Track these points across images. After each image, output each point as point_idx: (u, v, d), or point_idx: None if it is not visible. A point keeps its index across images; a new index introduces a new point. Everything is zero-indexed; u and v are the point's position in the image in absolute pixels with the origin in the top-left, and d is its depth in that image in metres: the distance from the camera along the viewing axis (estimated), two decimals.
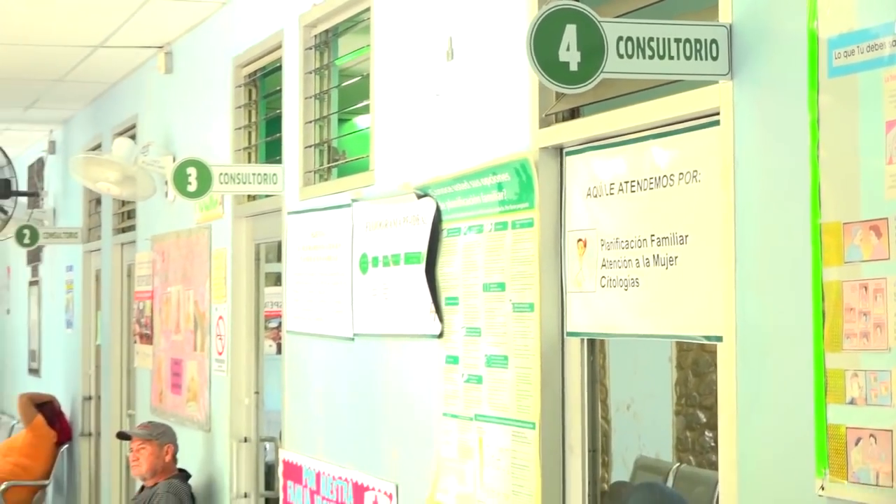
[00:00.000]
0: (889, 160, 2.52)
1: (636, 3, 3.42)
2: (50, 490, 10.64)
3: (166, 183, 6.43)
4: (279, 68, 6.05)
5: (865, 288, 2.57)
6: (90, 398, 10.08)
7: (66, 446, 10.45)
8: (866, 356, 2.57)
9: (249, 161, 6.48)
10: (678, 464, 3.91)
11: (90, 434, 10.08)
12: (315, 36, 5.65)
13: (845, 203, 2.63)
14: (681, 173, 3.25)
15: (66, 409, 10.58)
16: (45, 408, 10.43)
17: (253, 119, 6.57)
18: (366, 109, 5.15)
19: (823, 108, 2.69)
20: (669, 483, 3.94)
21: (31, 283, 12.60)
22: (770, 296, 2.87)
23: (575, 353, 3.77)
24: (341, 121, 5.66)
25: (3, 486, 9.99)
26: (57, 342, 11.38)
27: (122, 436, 7.28)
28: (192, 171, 5.86)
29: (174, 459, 6.78)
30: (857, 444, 2.59)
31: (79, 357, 10.37)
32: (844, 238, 2.62)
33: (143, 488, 6.88)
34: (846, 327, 2.61)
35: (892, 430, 2.51)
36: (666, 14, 3.27)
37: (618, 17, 3.26)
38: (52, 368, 11.56)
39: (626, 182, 3.47)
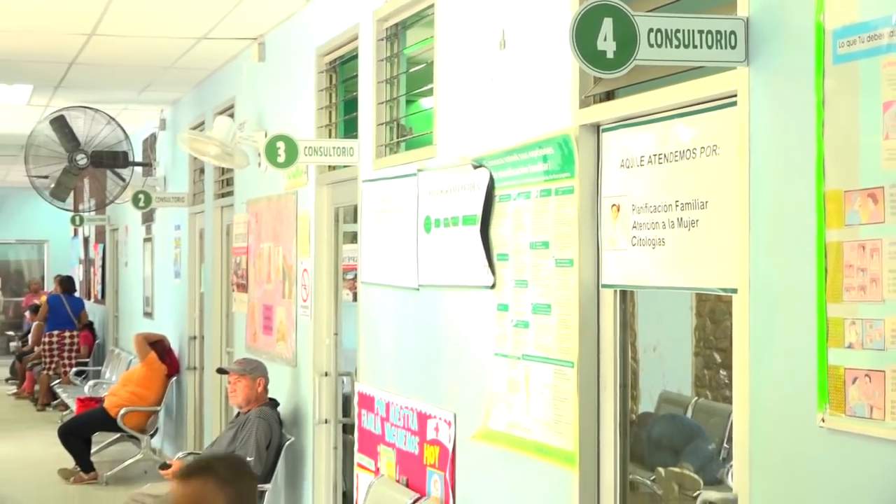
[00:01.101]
0: (886, 136, 2.51)
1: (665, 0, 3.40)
2: (161, 415, 10.77)
3: (259, 155, 6.45)
4: (355, 57, 6.05)
5: (863, 247, 2.56)
6: (195, 338, 10.18)
7: (174, 378, 10.57)
8: (863, 307, 2.56)
9: (330, 136, 6.50)
10: (696, 398, 3.90)
11: (195, 368, 10.19)
12: (386, 29, 5.65)
13: (846, 173, 2.61)
14: (702, 147, 3.24)
15: (174, 346, 10.71)
16: (157, 345, 10.56)
17: (333, 100, 6.58)
18: (429, 92, 5.15)
19: (828, 91, 2.67)
20: (689, 414, 3.93)
21: (146, 240, 12.72)
22: (779, 254, 2.86)
23: (608, 303, 3.77)
24: (408, 102, 5.66)
25: (123, 411, 10.14)
26: (167, 290, 11.50)
27: (221, 371, 7.36)
28: (281, 144, 5.91)
29: (265, 390, 6.85)
30: (853, 382, 2.58)
31: (185, 303, 10.48)
32: (845, 204, 2.61)
33: (238, 414, 6.96)
34: (846, 281, 2.61)
35: (884, 371, 2.51)
36: (690, 8, 3.24)
37: (649, 11, 3.23)
38: (163, 312, 11.69)
39: (655, 155, 3.45)
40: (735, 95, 3.02)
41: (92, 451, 10.39)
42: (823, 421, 2.67)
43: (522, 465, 4.17)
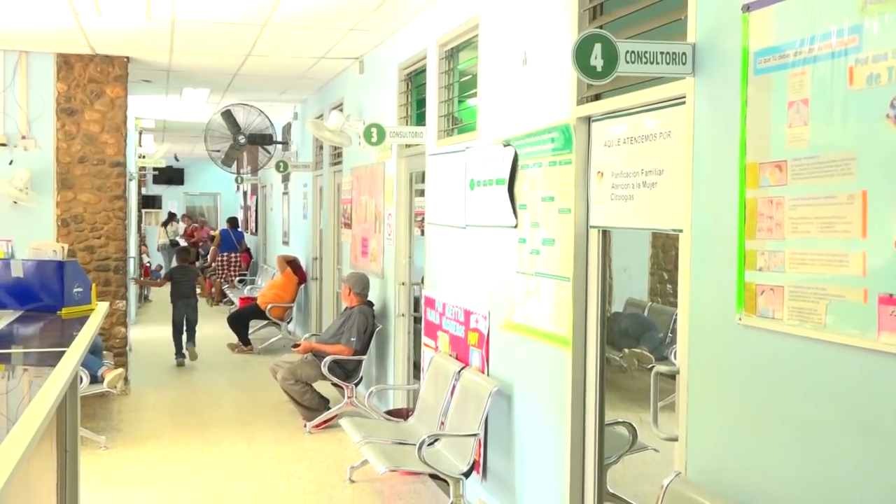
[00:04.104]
0: (789, 125, 2.47)
1: (637, 31, 3.31)
2: (294, 309, 10.90)
3: (359, 137, 6.43)
4: (424, 70, 6.00)
5: (771, 202, 2.52)
6: (316, 258, 10.27)
7: (303, 285, 10.68)
8: (770, 242, 2.53)
9: (406, 125, 6.46)
10: (651, 302, 3.86)
11: (316, 278, 10.28)
12: (445, 51, 5.60)
13: (761, 151, 2.58)
14: (660, 133, 3.18)
15: (303, 264, 10.81)
16: (292, 263, 10.66)
17: (408, 100, 6.54)
18: (474, 94, 5.09)
19: (750, 94, 2.63)
20: (646, 313, 3.90)
21: (283, 194, 12.79)
22: (713, 205, 2.81)
23: (594, 238, 3.74)
24: (460, 101, 5.60)
25: (269, 306, 10.29)
26: (298, 226, 11.59)
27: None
28: (374, 130, 5.90)
29: (356, 295, 6.87)
30: (762, 294, 2.56)
31: (310, 235, 10.55)
32: (760, 172, 2.58)
33: (346, 308, 7.02)
34: (758, 225, 2.58)
35: (783, 286, 2.49)
36: (655, 37, 3.17)
37: (627, 38, 3.15)
38: (295, 241, 11.78)
39: (628, 138, 3.40)
40: (684, 97, 2.96)
41: (249, 332, 10.56)
42: (740, 319, 2.64)
43: (533, 346, 4.18)
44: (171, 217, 19.44)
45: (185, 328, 9.57)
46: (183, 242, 17.50)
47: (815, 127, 2.36)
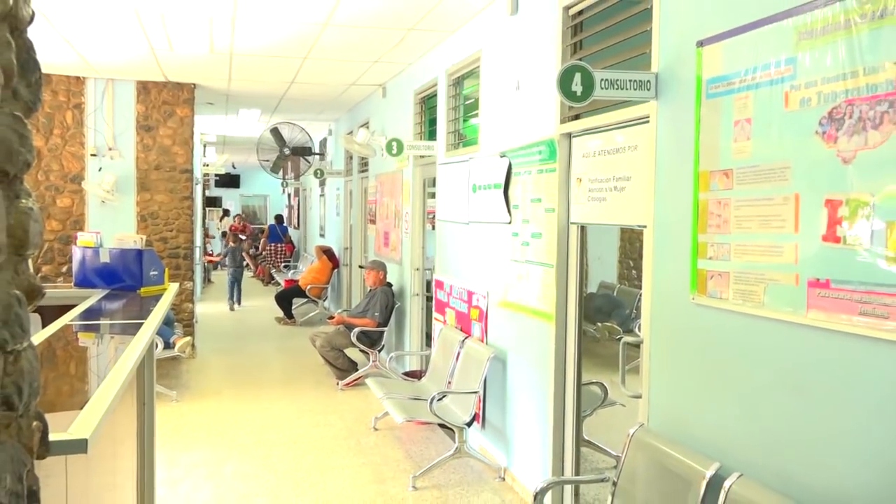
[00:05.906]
0: (734, 140, 2.45)
1: (610, 62, 3.29)
2: (329, 289, 10.90)
3: (382, 149, 6.42)
4: (435, 94, 5.97)
5: (719, 202, 2.51)
6: (347, 248, 10.26)
7: (336, 270, 10.67)
8: (717, 236, 2.52)
9: (421, 139, 6.44)
10: (619, 285, 3.84)
11: (346, 264, 10.27)
12: (452, 79, 5.56)
13: (711, 161, 2.56)
14: (628, 146, 3.16)
15: (336, 252, 10.79)
16: (327, 252, 10.65)
17: (422, 119, 6.51)
18: (476, 114, 5.07)
19: (703, 115, 2.60)
20: (615, 294, 3.88)
21: (320, 195, 12.78)
22: (672, 205, 2.80)
23: (574, 232, 3.72)
24: (464, 120, 5.58)
25: (308, 287, 10.28)
26: (332, 222, 11.57)
27: (361, 266, 7.38)
28: (394, 143, 5.89)
29: (384, 277, 6.88)
30: (711, 278, 2.55)
31: (342, 229, 10.54)
32: (710, 178, 2.56)
33: (370, 290, 7.01)
34: (709, 221, 2.56)
35: (729, 272, 2.47)
36: (625, 67, 3.15)
37: (602, 68, 3.13)
38: (330, 234, 11.77)
39: (602, 150, 3.38)
40: (648, 117, 2.94)
41: (292, 308, 10.57)
42: (693, 299, 2.63)
43: (524, 320, 4.17)
44: (226, 213, 19.52)
45: (236, 287, 11.52)
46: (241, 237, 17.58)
47: (756, 141, 2.35)
